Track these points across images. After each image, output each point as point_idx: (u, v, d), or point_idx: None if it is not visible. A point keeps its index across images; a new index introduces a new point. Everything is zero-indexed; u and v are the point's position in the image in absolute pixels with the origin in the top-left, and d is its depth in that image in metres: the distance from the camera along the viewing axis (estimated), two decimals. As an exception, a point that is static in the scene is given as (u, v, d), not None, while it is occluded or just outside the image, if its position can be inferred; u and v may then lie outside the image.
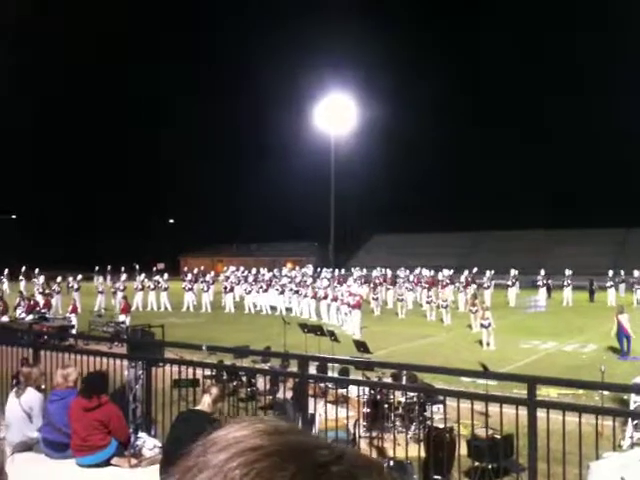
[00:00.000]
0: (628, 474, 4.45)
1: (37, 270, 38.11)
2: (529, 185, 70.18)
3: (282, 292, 32.44)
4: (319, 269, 42.91)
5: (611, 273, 33.92)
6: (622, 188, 60.99)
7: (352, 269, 41.19)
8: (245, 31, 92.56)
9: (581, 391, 11.93)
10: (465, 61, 77.73)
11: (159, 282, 34.88)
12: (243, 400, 11.60)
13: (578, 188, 65.61)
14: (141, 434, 7.06)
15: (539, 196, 68.46)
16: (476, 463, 7.96)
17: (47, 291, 31.75)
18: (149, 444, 6.89)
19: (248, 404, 11.41)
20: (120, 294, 29.49)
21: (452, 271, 35.38)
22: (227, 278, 36.88)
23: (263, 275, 36.92)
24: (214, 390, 5.92)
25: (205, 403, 5.81)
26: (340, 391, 11.73)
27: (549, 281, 35.85)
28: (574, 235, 53.23)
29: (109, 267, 46.76)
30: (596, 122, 64.37)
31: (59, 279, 34.54)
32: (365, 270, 39.48)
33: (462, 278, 32.85)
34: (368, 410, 10.03)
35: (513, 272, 34.54)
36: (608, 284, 33.40)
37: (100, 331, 21.53)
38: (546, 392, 11.51)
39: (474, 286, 32.71)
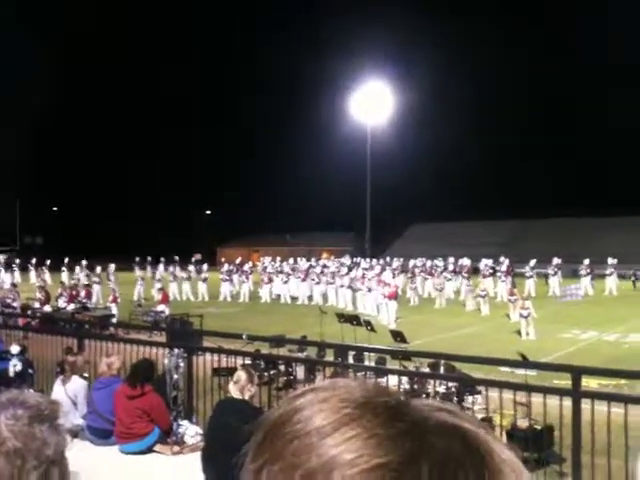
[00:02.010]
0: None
1: (84, 262, 39.17)
2: (570, 172, 68.98)
3: (319, 282, 32.55)
4: (355, 259, 42.85)
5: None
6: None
7: (388, 259, 40.98)
8: (282, 22, 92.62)
9: (623, 381, 11.71)
10: (504, 47, 76.35)
11: (200, 272, 35.24)
12: (281, 389, 11.70)
13: (618, 175, 64.10)
14: (183, 422, 7.17)
15: (580, 183, 67.33)
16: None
17: (87, 281, 32.40)
18: (191, 431, 6.99)
19: (285, 393, 11.51)
20: (158, 284, 29.94)
21: (492, 260, 34.94)
22: (264, 269, 37.10)
23: (301, 265, 37.03)
24: (242, 375, 5.78)
25: (236, 391, 5.76)
26: (377, 380, 11.75)
27: (591, 270, 34.99)
28: (616, 223, 52.05)
29: (149, 258, 47.45)
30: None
31: (98, 269, 35.24)
32: (402, 260, 39.26)
33: (503, 267, 32.44)
34: (406, 400, 10.00)
35: (556, 261, 33.84)
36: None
37: (140, 320, 21.88)
38: (585, 382, 11.32)
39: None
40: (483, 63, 75.10)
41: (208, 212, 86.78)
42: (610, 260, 33.35)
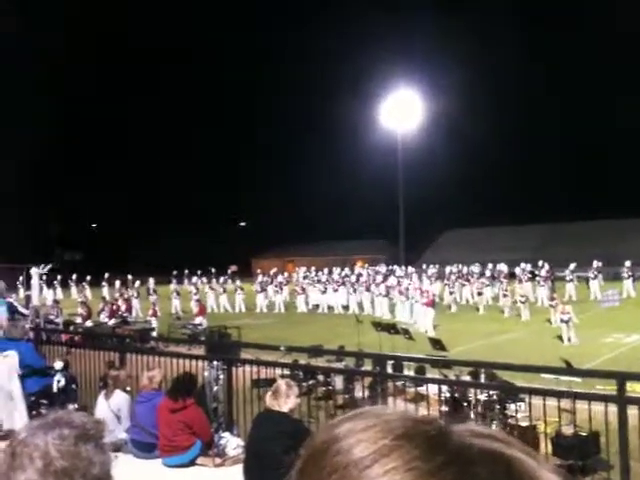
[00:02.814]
0: None
1: (130, 276, 39.75)
2: (599, 175, 67.91)
3: (354, 291, 32.47)
4: (391, 267, 42.64)
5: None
6: None
7: (424, 266, 40.71)
8: (309, 30, 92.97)
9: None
10: (532, 53, 75.54)
11: (237, 284, 35.48)
12: (320, 399, 11.68)
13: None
14: (224, 434, 7.21)
15: (609, 185, 66.15)
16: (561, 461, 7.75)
17: (126, 296, 32.89)
18: (232, 443, 7.02)
19: (325, 403, 11.49)
20: (195, 297, 30.22)
21: (529, 265, 34.44)
22: (302, 278, 37.19)
23: (337, 274, 37.02)
24: (281, 387, 5.70)
25: (274, 402, 5.68)
26: (417, 389, 11.66)
27: (633, 272, 34.13)
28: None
29: (186, 271, 47.92)
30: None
31: (137, 284, 35.76)
32: (437, 266, 38.97)
33: (543, 272, 31.94)
34: (447, 409, 9.91)
35: (596, 264, 33.14)
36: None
37: (179, 333, 22.09)
38: (631, 388, 11.06)
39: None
40: (512, 67, 74.39)
41: (243, 224, 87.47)
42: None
